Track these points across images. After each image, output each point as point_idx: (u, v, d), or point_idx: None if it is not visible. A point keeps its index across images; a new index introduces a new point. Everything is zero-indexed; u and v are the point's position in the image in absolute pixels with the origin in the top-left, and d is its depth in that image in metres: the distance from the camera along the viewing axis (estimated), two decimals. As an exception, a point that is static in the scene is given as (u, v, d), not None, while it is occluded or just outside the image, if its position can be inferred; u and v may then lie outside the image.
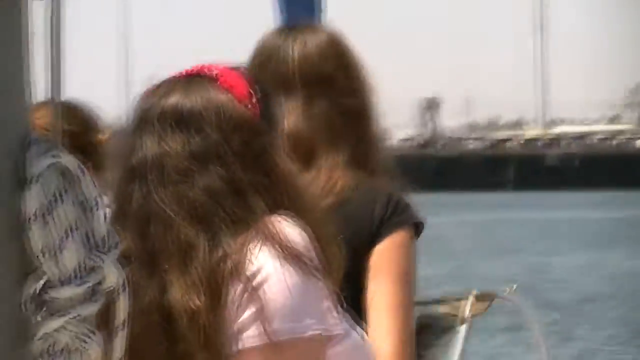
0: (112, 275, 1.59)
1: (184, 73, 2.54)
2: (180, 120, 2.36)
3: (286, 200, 2.38)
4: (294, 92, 3.64)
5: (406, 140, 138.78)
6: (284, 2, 5.62)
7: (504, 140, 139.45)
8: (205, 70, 2.53)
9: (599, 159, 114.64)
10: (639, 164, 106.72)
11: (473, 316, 5.00)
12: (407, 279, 3.54)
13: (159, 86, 2.48)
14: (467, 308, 4.95)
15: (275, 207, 2.33)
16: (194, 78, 2.49)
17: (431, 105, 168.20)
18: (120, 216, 2.32)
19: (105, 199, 2.17)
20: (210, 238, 2.25)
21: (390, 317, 3.46)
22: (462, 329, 5.03)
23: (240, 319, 2.21)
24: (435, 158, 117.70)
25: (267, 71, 3.65)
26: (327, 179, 3.51)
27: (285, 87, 3.58)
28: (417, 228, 3.61)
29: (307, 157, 3.50)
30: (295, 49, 3.69)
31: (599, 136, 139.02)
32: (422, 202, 3.58)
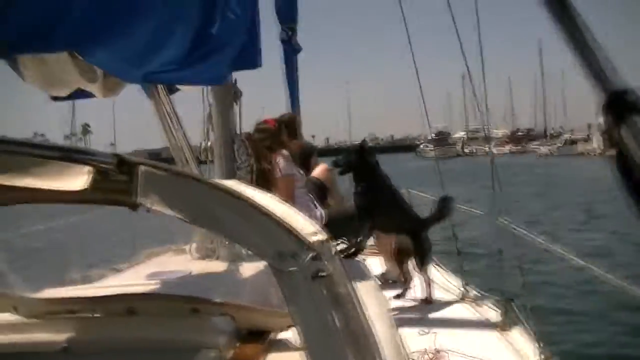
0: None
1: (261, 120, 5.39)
2: (258, 131, 5.20)
3: (284, 147, 5.21)
4: None
5: None
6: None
7: None
8: (265, 120, 5.40)
9: None
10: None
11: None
12: None
13: (259, 123, 5.32)
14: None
15: (282, 148, 5.15)
16: (261, 122, 5.34)
17: None
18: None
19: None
20: (269, 151, 5.07)
21: None
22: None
23: (277, 170, 5.03)
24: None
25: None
26: None
27: None
28: None
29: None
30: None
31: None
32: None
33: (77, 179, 1.37)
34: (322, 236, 1.50)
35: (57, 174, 1.38)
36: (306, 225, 1.51)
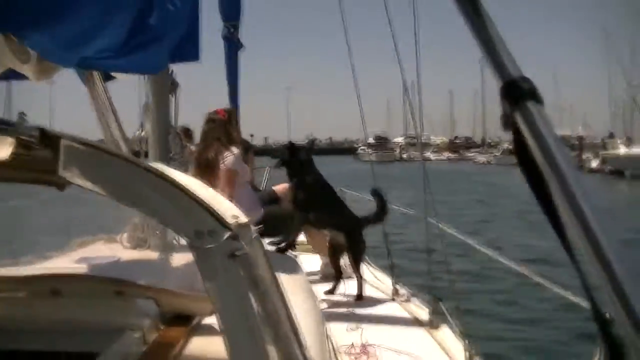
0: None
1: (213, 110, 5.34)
2: (209, 121, 5.23)
3: (232, 140, 5.19)
4: None
5: None
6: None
7: None
8: (217, 110, 5.35)
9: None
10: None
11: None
12: None
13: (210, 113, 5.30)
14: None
15: (231, 143, 5.14)
16: (212, 112, 5.33)
17: None
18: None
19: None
20: (216, 141, 5.14)
21: None
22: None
23: (222, 163, 5.07)
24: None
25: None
26: None
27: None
28: None
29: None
30: None
31: None
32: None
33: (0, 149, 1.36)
34: (242, 220, 1.52)
35: None
36: (228, 208, 1.53)
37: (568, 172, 0.86)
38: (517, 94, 0.93)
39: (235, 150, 5.44)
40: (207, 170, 5.30)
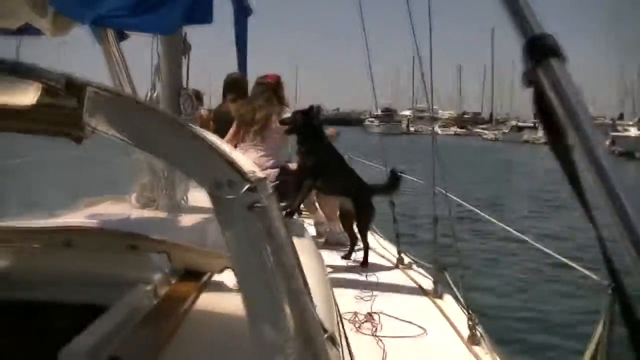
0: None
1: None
2: (258, 84, 5.36)
3: (283, 102, 5.44)
4: None
5: None
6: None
7: None
8: (266, 75, 5.49)
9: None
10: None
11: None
12: None
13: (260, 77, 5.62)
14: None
15: (282, 104, 5.40)
16: (261, 76, 5.49)
17: None
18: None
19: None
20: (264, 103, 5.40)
21: None
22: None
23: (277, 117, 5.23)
24: None
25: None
26: None
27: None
28: None
29: None
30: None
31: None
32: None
33: (26, 95, 1.36)
34: (259, 174, 1.54)
35: (5, 88, 1.37)
36: (246, 163, 1.55)
37: (589, 129, 0.88)
38: (540, 50, 0.95)
39: (287, 109, 5.72)
40: (256, 129, 5.64)
